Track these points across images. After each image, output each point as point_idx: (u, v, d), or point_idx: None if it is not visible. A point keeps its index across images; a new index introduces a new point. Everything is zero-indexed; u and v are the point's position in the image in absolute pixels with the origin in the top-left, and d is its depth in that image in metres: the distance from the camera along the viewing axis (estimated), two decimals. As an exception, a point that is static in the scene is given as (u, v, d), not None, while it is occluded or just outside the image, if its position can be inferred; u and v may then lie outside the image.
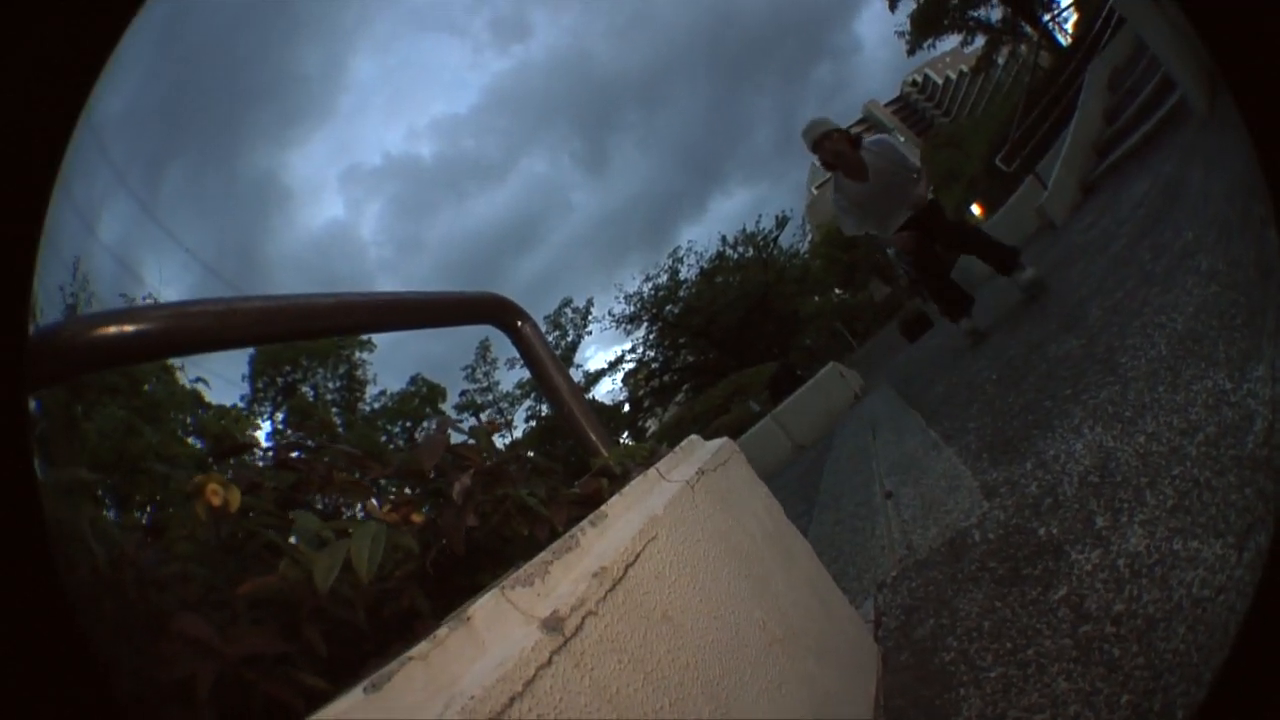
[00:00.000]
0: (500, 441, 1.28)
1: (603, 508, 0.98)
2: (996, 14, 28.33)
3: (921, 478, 2.79)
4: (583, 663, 0.66)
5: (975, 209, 20.61)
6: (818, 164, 4.86)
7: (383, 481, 1.08)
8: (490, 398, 33.96)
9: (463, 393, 34.10)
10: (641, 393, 36.40)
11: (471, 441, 1.17)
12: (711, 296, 35.13)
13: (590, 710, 0.64)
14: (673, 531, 0.98)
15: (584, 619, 0.69)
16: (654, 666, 0.76)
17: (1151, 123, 6.33)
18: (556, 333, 34.34)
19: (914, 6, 28.71)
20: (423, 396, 31.11)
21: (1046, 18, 25.67)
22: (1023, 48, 27.11)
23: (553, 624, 0.66)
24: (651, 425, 34.87)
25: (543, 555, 0.78)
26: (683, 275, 36.26)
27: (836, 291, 38.71)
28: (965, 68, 47.06)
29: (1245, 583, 1.00)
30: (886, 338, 21.54)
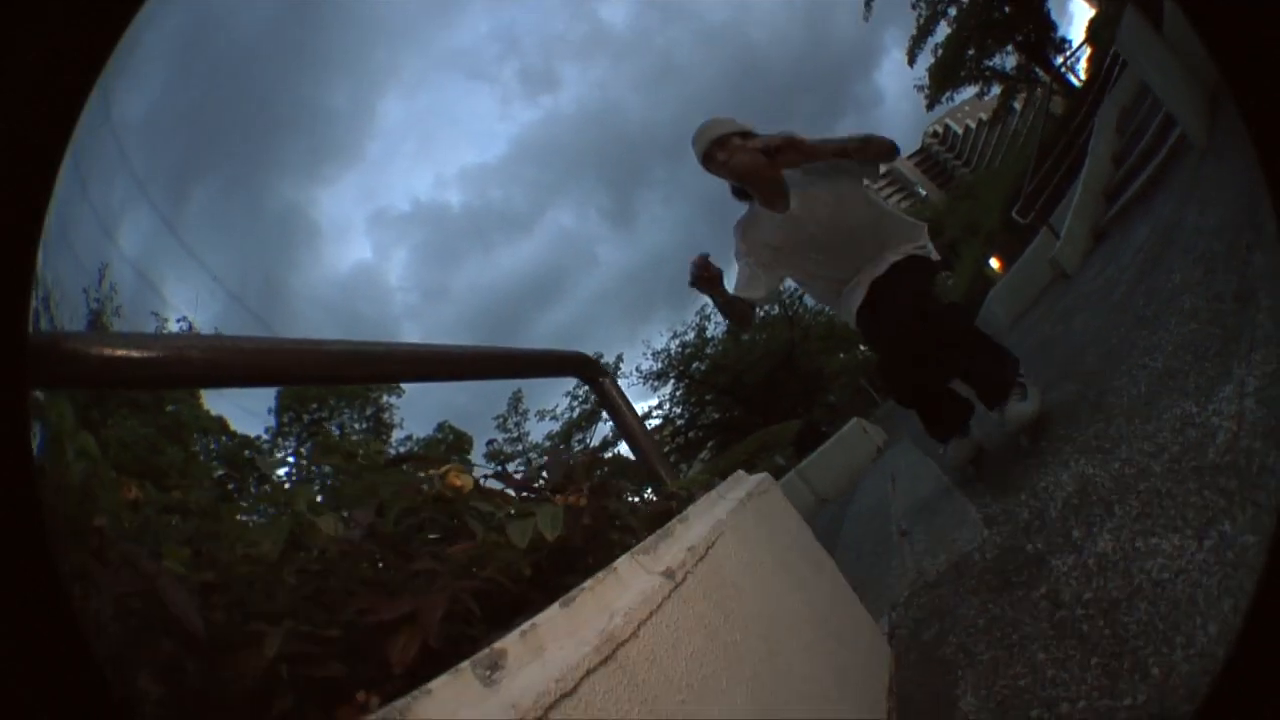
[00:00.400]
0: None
1: (685, 512, 1.35)
2: (1011, 61, 28.42)
3: (934, 516, 3.07)
4: (687, 601, 1.00)
5: (994, 263, 20.57)
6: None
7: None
8: (520, 448, 33.54)
9: (489, 442, 33.56)
10: (667, 449, 36.07)
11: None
12: (738, 354, 34.79)
13: (692, 631, 0.97)
14: (734, 531, 1.32)
15: (685, 575, 1.03)
16: (729, 613, 1.10)
17: (1155, 163, 6.40)
18: (586, 386, 33.92)
19: (931, 60, 28.92)
20: (449, 444, 30.64)
21: (1059, 60, 25.73)
22: (1038, 92, 26.90)
23: (668, 574, 1.00)
24: (677, 481, 34.34)
25: (653, 537, 1.13)
26: (710, 333, 36.07)
27: (862, 348, 38.55)
28: (984, 115, 47.03)
29: (1209, 564, 1.20)
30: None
